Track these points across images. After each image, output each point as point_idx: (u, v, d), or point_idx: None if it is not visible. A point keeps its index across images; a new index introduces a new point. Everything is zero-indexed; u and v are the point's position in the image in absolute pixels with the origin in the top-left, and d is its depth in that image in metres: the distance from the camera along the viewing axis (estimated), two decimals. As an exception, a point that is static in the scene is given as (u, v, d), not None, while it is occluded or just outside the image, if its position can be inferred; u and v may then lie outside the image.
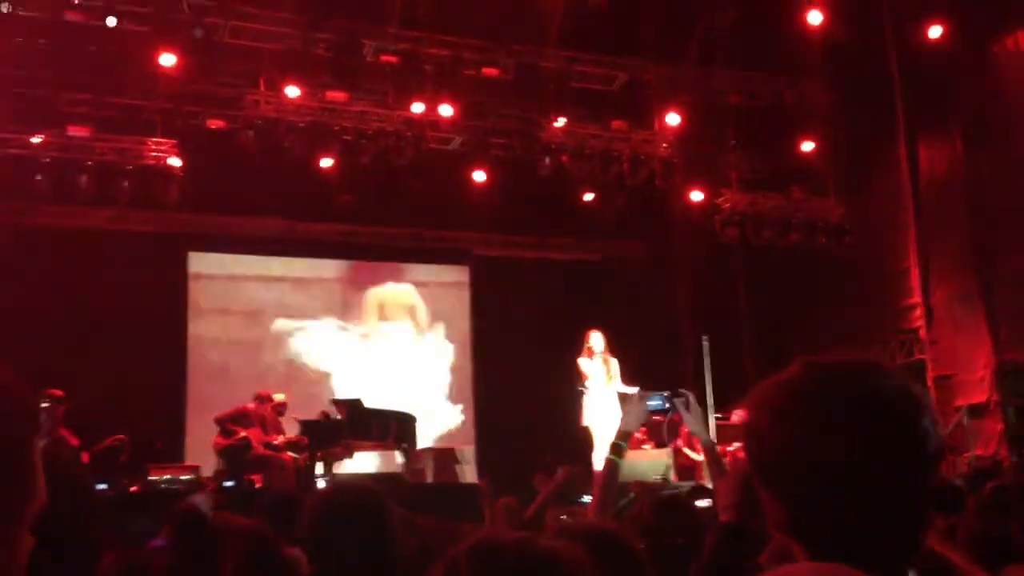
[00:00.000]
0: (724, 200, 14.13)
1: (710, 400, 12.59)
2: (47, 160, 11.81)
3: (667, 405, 3.57)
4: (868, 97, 13.84)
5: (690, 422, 3.71)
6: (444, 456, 12.76)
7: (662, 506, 3.55)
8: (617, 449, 3.24)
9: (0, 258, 12.38)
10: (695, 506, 3.77)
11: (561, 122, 13.45)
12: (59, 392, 10.03)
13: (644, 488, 6.52)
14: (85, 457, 9.71)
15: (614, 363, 11.97)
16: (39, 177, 11.80)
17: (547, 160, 13.43)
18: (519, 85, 13.16)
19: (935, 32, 12.73)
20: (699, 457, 11.04)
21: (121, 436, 10.24)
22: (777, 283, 15.06)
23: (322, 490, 2.69)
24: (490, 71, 12.92)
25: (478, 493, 10.36)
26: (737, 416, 13.13)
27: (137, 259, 13.50)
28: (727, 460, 12.29)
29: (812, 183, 14.40)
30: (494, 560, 1.15)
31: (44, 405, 9.77)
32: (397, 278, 16.04)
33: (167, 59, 11.58)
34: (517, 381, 14.63)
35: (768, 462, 1.39)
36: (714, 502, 3.73)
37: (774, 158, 14.80)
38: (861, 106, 13.90)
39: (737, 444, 12.88)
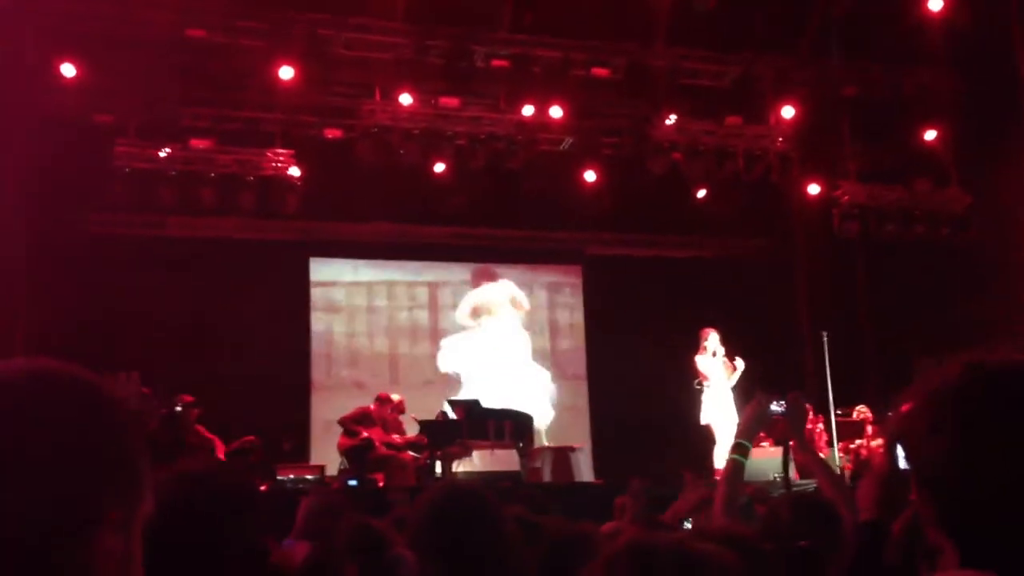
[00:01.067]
0: (842, 193, 13.83)
1: (830, 397, 12.32)
2: (172, 173, 12.25)
3: (782, 408, 3.58)
4: (991, 84, 13.37)
5: (793, 425, 3.71)
6: (560, 455, 12.80)
7: (801, 507, 3.53)
8: (741, 449, 3.23)
9: (131, 269, 12.91)
10: (834, 507, 3.73)
11: (672, 119, 13.34)
12: (190, 398, 10.44)
13: (757, 491, 6.42)
14: (220, 455, 10.09)
15: (739, 363, 11.90)
16: (166, 190, 12.26)
17: (659, 158, 13.35)
18: (629, 84, 13.13)
19: (1062, 14, 12.26)
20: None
21: (252, 437, 10.57)
22: (898, 277, 14.69)
23: (433, 491, 2.69)
24: (599, 71, 12.92)
25: (598, 492, 10.40)
26: (859, 413, 12.88)
27: (261, 266, 13.90)
28: (849, 457, 12.09)
29: (934, 174, 13.99)
30: (652, 561, 1.16)
31: (177, 409, 10.19)
32: (511, 279, 16.13)
33: (285, 72, 11.92)
34: (632, 380, 14.57)
35: (927, 472, 1.32)
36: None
37: (894, 150, 14.42)
38: (984, 93, 13.44)
39: (859, 441, 12.63)
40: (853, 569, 2.76)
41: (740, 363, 11.95)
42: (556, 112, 12.93)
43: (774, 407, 3.49)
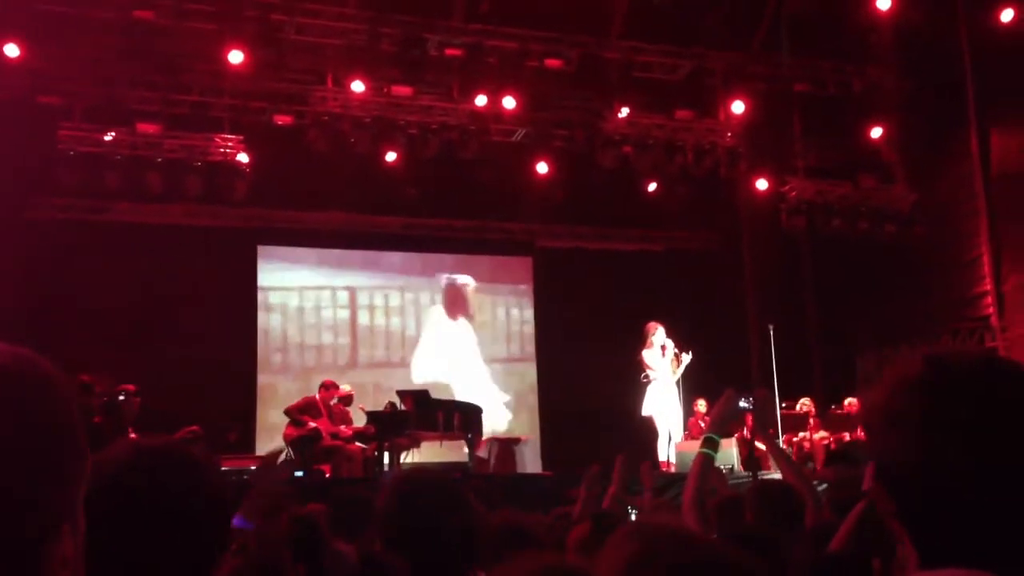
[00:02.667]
0: (790, 189, 13.98)
1: (776, 389, 12.47)
2: (118, 157, 12.02)
3: (751, 405, 3.62)
4: (938, 83, 13.59)
5: (758, 419, 3.77)
6: (506, 447, 12.82)
7: (762, 493, 3.57)
8: (711, 443, 3.25)
9: (75, 254, 12.68)
10: (795, 492, 3.78)
11: (624, 113, 13.37)
12: (132, 387, 10.27)
13: (716, 475, 6.48)
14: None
15: (686, 357, 12.02)
16: (111, 174, 12.03)
17: (610, 151, 13.38)
18: (582, 76, 13.12)
19: (1007, 16, 12.47)
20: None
21: (195, 427, 10.42)
22: (843, 272, 14.90)
23: (400, 475, 2.66)
24: (553, 62, 12.91)
25: (547, 484, 10.42)
26: (802, 406, 13.05)
27: (207, 254, 13.74)
28: (793, 449, 12.24)
29: (880, 171, 14.19)
30: (692, 558, 1.14)
31: (120, 399, 10.02)
32: (460, 270, 16.10)
33: (235, 56, 11.74)
34: (580, 372, 14.64)
35: (886, 464, 1.33)
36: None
37: (841, 146, 14.61)
38: (931, 93, 13.66)
39: (803, 434, 12.80)
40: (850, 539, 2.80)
41: (687, 357, 12.06)
42: (509, 103, 12.89)
43: (742, 403, 3.52)
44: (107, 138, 11.94)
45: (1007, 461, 1.24)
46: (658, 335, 12.09)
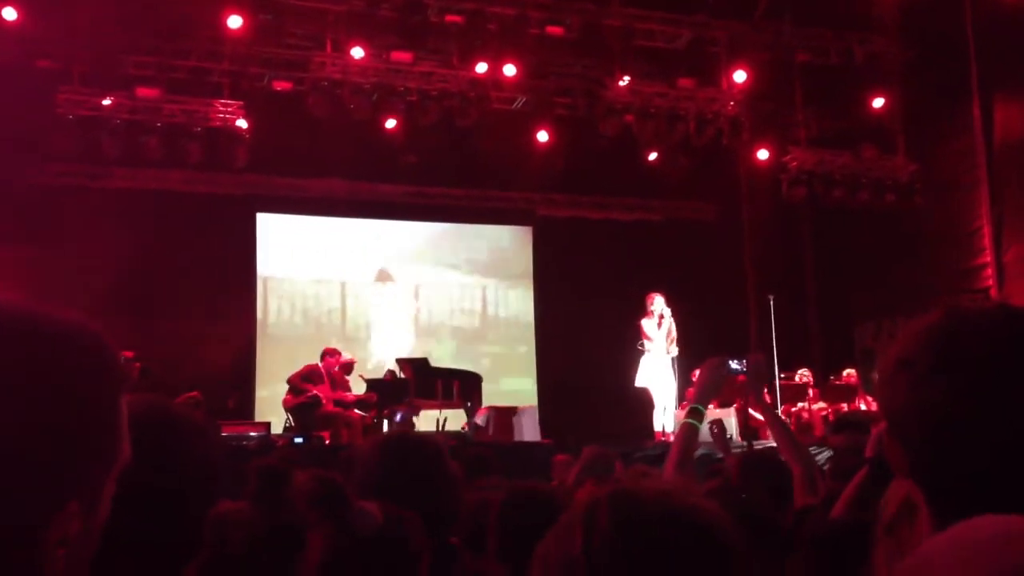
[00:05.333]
0: (791, 159, 13.92)
1: (775, 359, 12.49)
2: (117, 122, 11.95)
3: (744, 368, 3.59)
4: (941, 53, 13.50)
5: (752, 384, 3.75)
6: (504, 415, 12.84)
7: (749, 464, 3.57)
8: (696, 413, 3.23)
9: (74, 220, 12.64)
10: (779, 461, 3.77)
11: (626, 81, 13.29)
12: (130, 353, 10.26)
13: (718, 438, 6.50)
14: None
15: (672, 326, 11.97)
16: (110, 139, 11.98)
17: (611, 120, 13.31)
18: (583, 44, 13.04)
19: (1012, -15, 12.37)
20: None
21: (195, 393, 10.43)
22: (844, 242, 14.89)
23: (379, 437, 2.66)
24: (554, 30, 12.81)
25: (545, 452, 10.44)
26: (801, 376, 13.07)
27: (207, 220, 13.70)
28: (791, 420, 12.26)
29: (882, 141, 14.13)
30: (634, 508, 1.12)
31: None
32: (462, 237, 16.08)
33: (234, 21, 11.66)
34: (579, 341, 14.65)
35: (895, 414, 1.31)
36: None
37: (843, 116, 14.54)
38: (933, 63, 13.58)
39: (801, 404, 12.83)
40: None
41: (673, 332, 11.96)
42: (510, 70, 12.80)
43: (734, 365, 3.49)
44: (106, 103, 11.86)
45: (1017, 403, 1.21)
46: (656, 304, 12.04)
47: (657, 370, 11.99)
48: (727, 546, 1.13)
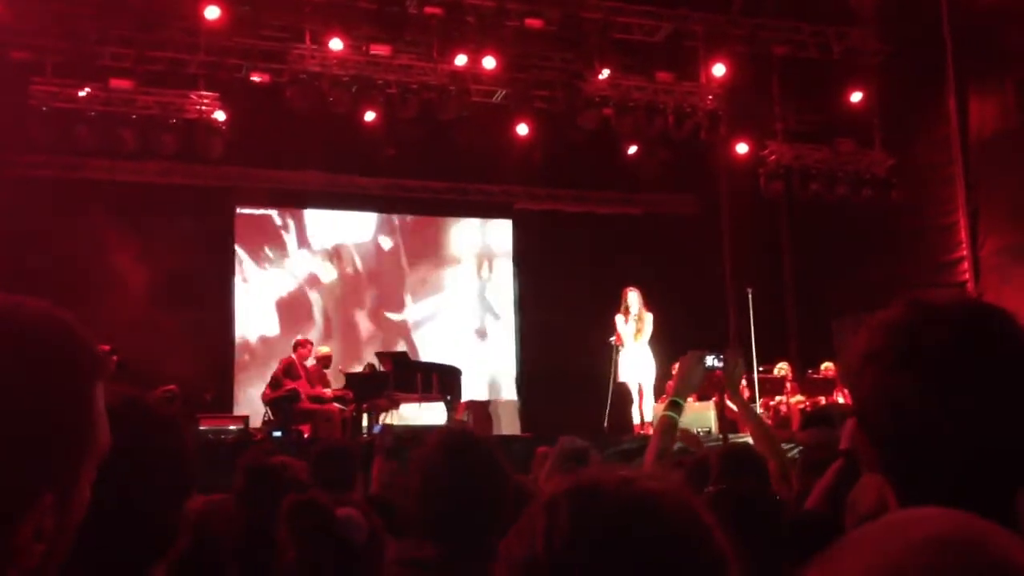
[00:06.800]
0: (769, 153, 13.96)
1: (754, 353, 12.51)
2: (92, 114, 11.84)
3: (721, 363, 3.61)
4: (917, 47, 13.57)
5: (729, 379, 3.77)
6: (483, 408, 12.85)
7: (730, 457, 3.57)
8: (675, 406, 3.22)
9: (48, 212, 12.52)
10: (759, 455, 3.78)
11: (605, 74, 13.27)
12: (106, 347, 10.16)
13: (689, 437, 6.52)
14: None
15: (648, 319, 11.89)
16: (84, 130, 11.85)
17: (590, 113, 13.29)
18: (562, 36, 13.01)
19: (988, -20, 12.45)
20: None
21: (172, 387, 10.38)
22: (821, 236, 14.94)
23: (440, 438, 2.60)
24: (533, 22, 12.77)
25: (525, 445, 10.43)
26: (779, 370, 13.11)
27: (184, 212, 13.60)
28: (769, 413, 12.30)
29: (859, 135, 14.18)
30: (595, 501, 1.09)
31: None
32: (441, 231, 16.05)
33: (211, 12, 11.57)
34: (558, 334, 14.64)
35: (862, 408, 1.31)
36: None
37: (821, 110, 14.60)
38: (910, 57, 13.64)
39: (779, 397, 12.87)
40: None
41: (648, 318, 11.88)
42: (489, 63, 12.77)
43: (712, 361, 3.50)
44: (80, 94, 11.75)
45: (980, 395, 1.21)
46: (630, 299, 11.94)
47: (634, 364, 11.96)
48: (693, 531, 1.08)
